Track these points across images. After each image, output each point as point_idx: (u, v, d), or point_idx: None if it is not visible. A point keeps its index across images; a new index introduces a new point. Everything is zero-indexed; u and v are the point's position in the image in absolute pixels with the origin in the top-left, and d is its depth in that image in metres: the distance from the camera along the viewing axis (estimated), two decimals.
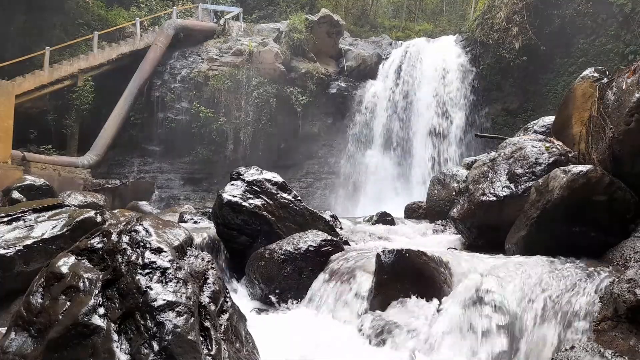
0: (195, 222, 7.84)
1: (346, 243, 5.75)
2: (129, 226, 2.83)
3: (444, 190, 8.01)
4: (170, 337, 2.22)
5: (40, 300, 2.44)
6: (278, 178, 5.73)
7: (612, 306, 2.62)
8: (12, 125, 13.32)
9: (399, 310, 3.55)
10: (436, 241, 6.53)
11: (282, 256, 4.49)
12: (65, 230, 4.03)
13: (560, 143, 5.41)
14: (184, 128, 18.11)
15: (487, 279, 3.40)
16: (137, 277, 2.46)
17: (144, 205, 11.68)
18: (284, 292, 4.41)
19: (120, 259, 2.57)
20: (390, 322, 3.42)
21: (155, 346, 2.20)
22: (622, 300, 2.53)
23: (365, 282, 3.93)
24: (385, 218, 8.69)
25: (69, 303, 2.37)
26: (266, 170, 5.81)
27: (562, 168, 4.23)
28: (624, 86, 4.26)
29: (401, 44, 20.25)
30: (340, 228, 6.36)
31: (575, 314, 2.83)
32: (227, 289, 3.16)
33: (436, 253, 3.94)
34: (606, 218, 4.00)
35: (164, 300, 2.36)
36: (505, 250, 4.73)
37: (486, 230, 5.24)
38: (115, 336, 2.25)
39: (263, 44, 18.46)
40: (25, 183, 9.90)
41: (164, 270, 2.54)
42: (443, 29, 23.67)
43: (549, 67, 15.29)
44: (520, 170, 5.17)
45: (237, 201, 5.25)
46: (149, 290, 2.40)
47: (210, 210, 7.12)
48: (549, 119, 6.78)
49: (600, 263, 3.73)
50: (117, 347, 2.21)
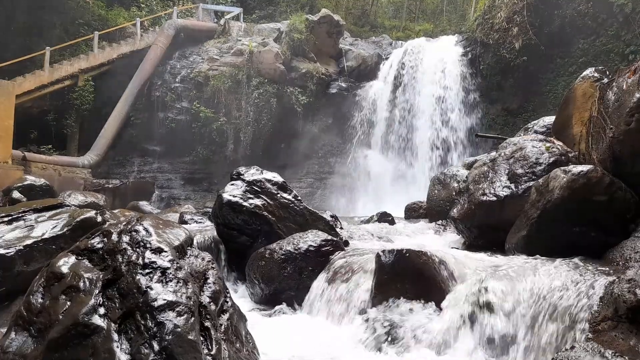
0: (196, 222, 7.85)
1: (346, 243, 5.75)
2: (129, 226, 2.83)
3: (444, 190, 8.01)
4: (170, 337, 2.22)
5: (40, 300, 2.44)
6: (278, 178, 5.73)
7: (612, 306, 2.62)
8: (13, 125, 13.31)
9: (399, 310, 3.54)
10: (436, 241, 6.53)
11: (283, 256, 4.49)
12: (65, 230, 4.03)
13: (561, 143, 5.41)
14: (185, 128, 18.10)
15: (488, 279, 3.40)
16: (138, 277, 2.46)
17: (144, 205, 11.68)
18: (284, 292, 4.41)
19: (120, 259, 2.57)
20: (390, 323, 3.42)
21: (156, 346, 2.20)
22: (623, 300, 2.53)
23: (365, 282, 3.94)
24: (385, 218, 8.70)
25: (69, 303, 2.37)
26: (266, 170, 5.81)
27: (563, 168, 4.24)
28: (624, 86, 4.26)
29: (401, 44, 20.24)
30: (341, 228, 6.36)
31: (575, 314, 2.83)
32: (228, 288, 3.16)
33: (436, 253, 3.94)
34: (606, 218, 4.00)
35: (164, 300, 2.36)
36: (505, 250, 4.74)
37: (486, 230, 5.25)
38: (115, 336, 2.25)
39: (263, 44, 18.46)
40: (25, 183, 9.91)
41: (164, 270, 2.54)
42: (443, 29, 23.66)
43: (549, 67, 15.28)
44: (520, 170, 5.17)
45: (238, 201, 5.25)
46: (149, 290, 2.40)
47: (210, 210, 7.13)
48: (549, 119, 6.79)
49: (601, 263, 3.73)
50: (118, 347, 2.21)
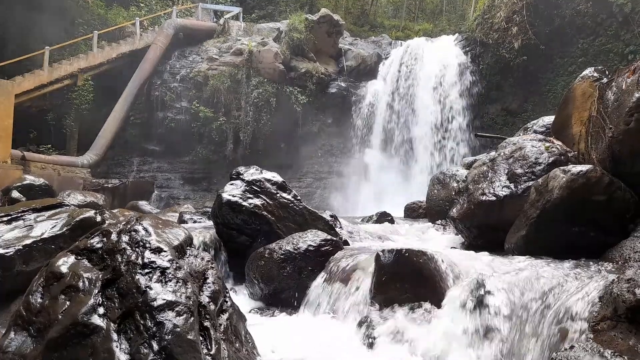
0: (195, 222, 7.84)
1: (346, 243, 5.75)
2: (129, 226, 2.83)
3: (443, 190, 8.01)
4: (169, 337, 2.22)
5: (39, 300, 2.44)
6: (278, 178, 5.73)
7: (612, 306, 2.62)
8: (12, 124, 13.31)
9: (398, 310, 3.55)
10: (436, 241, 6.54)
11: (282, 256, 4.49)
12: (64, 229, 4.02)
13: (560, 143, 5.41)
14: (184, 128, 18.09)
15: (487, 278, 3.40)
16: (137, 277, 2.46)
17: (144, 204, 11.66)
18: (284, 292, 4.41)
19: (119, 259, 2.57)
20: (390, 323, 3.42)
21: (155, 346, 2.20)
22: (622, 300, 2.53)
23: (364, 282, 3.94)
24: (385, 218, 8.71)
25: (68, 303, 2.37)
26: (266, 170, 5.81)
27: (562, 168, 4.24)
28: (624, 86, 4.26)
29: (401, 43, 20.25)
30: (340, 228, 6.36)
31: (574, 314, 2.83)
32: (227, 288, 3.16)
33: (436, 253, 3.94)
34: (605, 218, 4.00)
35: (164, 299, 2.36)
36: (505, 250, 4.74)
37: (486, 230, 5.25)
38: (114, 336, 2.25)
39: (263, 44, 18.45)
40: (24, 182, 9.88)
41: (163, 270, 2.54)
42: (443, 29, 23.68)
43: (548, 67, 15.28)
44: (520, 170, 5.17)
45: (237, 201, 5.25)
46: (148, 290, 2.40)
47: (209, 210, 7.12)
48: (549, 119, 6.79)
49: (600, 263, 3.73)
50: (117, 347, 2.21)
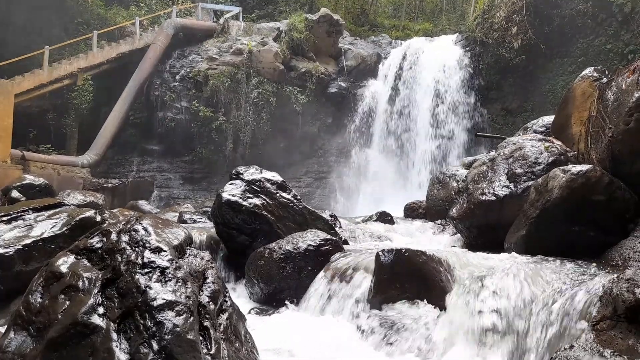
0: (195, 222, 7.84)
1: (346, 242, 5.75)
2: (129, 225, 2.82)
3: (443, 190, 8.01)
4: (169, 337, 2.22)
5: (39, 300, 2.44)
6: (277, 177, 5.73)
7: (611, 305, 2.62)
8: (12, 124, 13.31)
9: (398, 309, 3.55)
10: (436, 240, 6.54)
11: (282, 256, 4.49)
12: (64, 229, 4.02)
13: (560, 143, 5.41)
14: (184, 127, 18.08)
15: (487, 278, 3.40)
16: (137, 277, 2.45)
17: (144, 204, 11.65)
18: (284, 292, 4.41)
19: (119, 259, 2.57)
20: (390, 322, 3.42)
21: (155, 345, 2.20)
22: (621, 299, 2.53)
23: (364, 282, 3.94)
24: (384, 217, 8.70)
25: (68, 302, 2.37)
26: (266, 170, 5.81)
27: (562, 168, 4.24)
28: (624, 86, 4.26)
29: (401, 43, 20.23)
30: (340, 227, 6.36)
31: (574, 314, 2.83)
32: (227, 288, 3.15)
33: (436, 252, 3.94)
34: (605, 217, 4.00)
35: (164, 299, 2.36)
36: (504, 250, 4.74)
37: (485, 229, 5.25)
38: (114, 335, 2.25)
39: (262, 43, 18.44)
40: (24, 182, 9.89)
41: (163, 270, 2.53)
42: (443, 29, 23.65)
43: (548, 67, 15.27)
44: (519, 170, 5.17)
45: (237, 200, 5.25)
46: (148, 289, 2.39)
47: (209, 209, 7.12)
48: (549, 119, 6.79)
49: (600, 262, 3.73)
50: (117, 347, 2.21)
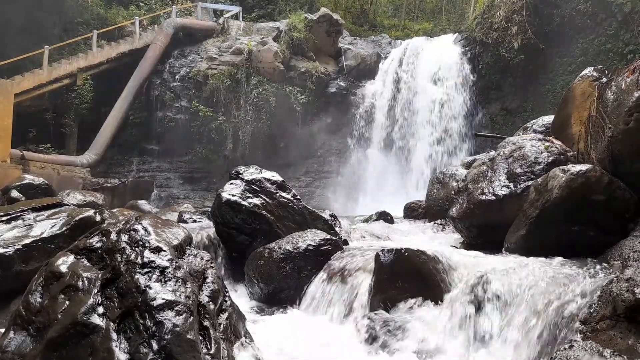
0: (195, 221, 7.83)
1: (345, 242, 5.75)
2: (128, 225, 2.82)
3: (443, 190, 8.01)
4: (169, 336, 2.22)
5: (39, 300, 2.44)
6: (277, 177, 5.73)
7: (611, 305, 2.62)
8: (11, 124, 13.30)
9: (398, 309, 3.55)
10: (435, 240, 6.54)
11: (282, 255, 4.49)
12: (64, 229, 4.02)
13: (560, 142, 5.41)
14: (183, 127, 18.07)
15: (487, 278, 3.40)
16: (136, 276, 2.45)
17: (143, 204, 11.65)
18: (283, 292, 4.41)
19: (119, 258, 2.57)
20: (390, 322, 3.42)
21: (155, 345, 2.20)
22: (621, 299, 2.53)
23: (364, 282, 3.94)
24: (384, 217, 8.70)
25: (68, 302, 2.37)
26: (265, 170, 5.81)
27: (561, 167, 4.24)
28: (623, 85, 4.26)
29: (400, 43, 20.23)
30: (340, 227, 6.35)
31: (574, 313, 2.84)
32: (226, 288, 3.16)
33: (435, 252, 3.94)
34: (605, 217, 4.00)
35: (163, 299, 2.36)
36: (504, 250, 4.74)
37: (485, 229, 5.25)
38: (114, 335, 2.25)
39: (262, 43, 18.44)
40: (24, 182, 9.89)
41: (163, 270, 2.54)
42: (442, 28, 23.66)
43: (548, 67, 15.27)
44: (519, 170, 5.17)
45: (237, 200, 5.25)
46: (148, 289, 2.39)
47: (209, 209, 7.12)
48: (548, 119, 6.79)
49: (599, 262, 3.73)
50: (116, 346, 2.21)
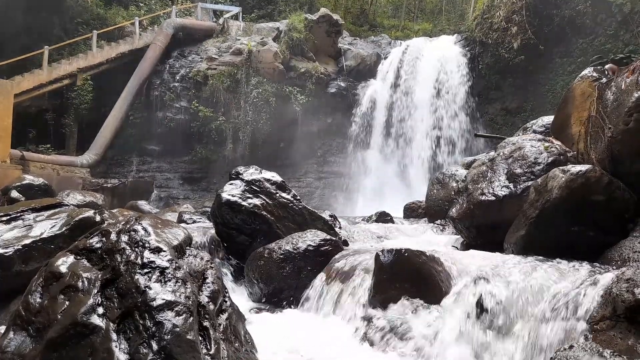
0: (194, 222, 7.84)
1: (345, 243, 5.75)
2: (128, 226, 2.82)
3: (443, 190, 8.02)
4: (169, 337, 2.22)
5: (39, 300, 2.44)
6: (277, 177, 5.73)
7: (611, 306, 2.62)
8: (11, 124, 13.30)
9: (398, 310, 3.55)
10: (435, 241, 6.53)
11: (281, 256, 4.49)
12: (64, 229, 4.02)
13: (559, 143, 5.41)
14: (183, 127, 18.07)
15: (486, 278, 3.40)
16: (136, 277, 2.45)
17: (143, 204, 11.66)
18: (283, 292, 4.41)
19: (119, 259, 2.57)
20: (390, 322, 3.42)
21: (154, 346, 2.19)
22: (621, 299, 2.53)
23: (364, 282, 3.94)
24: (384, 217, 8.71)
25: (67, 302, 2.37)
26: (265, 170, 5.81)
27: (561, 168, 4.24)
28: (623, 86, 4.26)
29: (400, 43, 20.24)
30: (340, 227, 6.36)
31: (574, 314, 2.84)
32: (226, 288, 3.15)
33: (435, 253, 3.94)
34: (605, 218, 4.00)
35: (163, 299, 2.36)
36: (504, 250, 4.74)
37: (485, 229, 5.25)
38: (114, 336, 2.24)
39: (262, 43, 18.44)
40: (24, 182, 9.89)
41: (163, 270, 2.53)
42: (442, 29, 23.66)
43: (548, 67, 15.28)
44: (519, 170, 5.17)
45: (236, 201, 5.25)
46: (147, 289, 2.39)
47: (209, 209, 7.12)
48: (548, 119, 6.79)
49: (599, 262, 3.73)
50: (116, 347, 2.21)
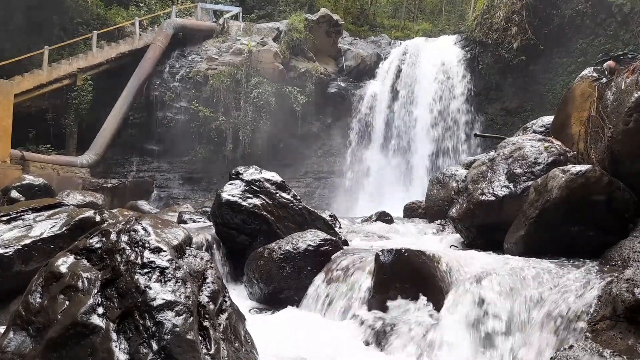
0: (194, 222, 7.85)
1: (345, 242, 5.75)
2: (128, 226, 2.82)
3: (443, 190, 8.02)
4: (169, 337, 2.22)
5: (39, 300, 2.44)
6: (277, 177, 5.73)
7: (611, 306, 2.62)
8: (11, 124, 13.30)
9: (398, 310, 3.55)
10: (435, 241, 6.54)
11: (281, 256, 4.49)
12: (64, 229, 4.02)
13: (559, 143, 5.41)
14: (183, 127, 18.07)
15: (487, 279, 3.40)
16: (136, 277, 2.45)
17: (143, 204, 11.67)
18: (283, 292, 4.41)
19: (119, 259, 2.57)
20: (389, 322, 3.42)
21: (154, 345, 2.19)
22: (621, 299, 2.53)
23: (364, 282, 3.94)
24: (384, 217, 8.71)
25: (67, 302, 2.37)
26: (265, 170, 5.81)
27: (561, 168, 4.24)
28: (623, 86, 4.26)
29: (400, 43, 20.26)
30: (340, 227, 6.35)
31: (573, 314, 2.83)
32: (226, 288, 3.15)
33: (435, 253, 3.94)
34: (605, 217, 4.01)
35: (163, 299, 2.36)
36: (504, 250, 4.74)
37: (485, 229, 5.25)
38: (114, 336, 2.24)
39: (262, 44, 18.44)
40: (24, 182, 9.88)
41: (163, 270, 2.53)
42: (442, 29, 23.68)
43: (548, 67, 15.28)
44: (519, 170, 5.18)
45: (236, 201, 5.25)
46: (147, 289, 2.39)
47: (209, 209, 7.13)
48: (548, 119, 6.80)
49: (599, 262, 3.74)
50: (116, 347, 2.21)
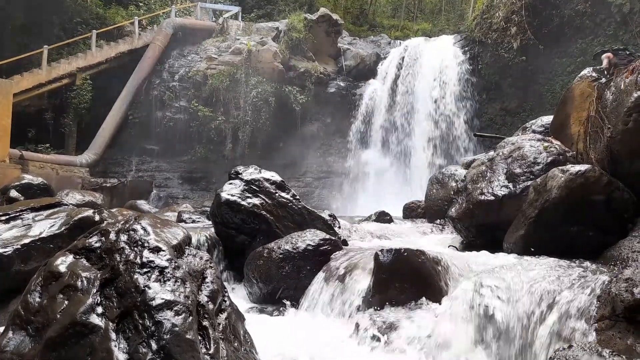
0: (194, 221, 7.84)
1: (345, 242, 5.75)
2: (127, 225, 2.82)
3: (442, 190, 8.02)
4: (168, 336, 2.22)
5: (38, 299, 2.43)
6: (277, 177, 5.73)
7: (610, 305, 2.62)
8: (10, 123, 13.29)
9: (397, 309, 3.55)
10: (435, 240, 6.54)
11: (281, 255, 4.49)
12: (63, 229, 4.02)
13: (559, 143, 5.42)
14: (183, 127, 18.07)
15: (486, 279, 3.40)
16: (135, 276, 2.45)
17: (142, 204, 11.66)
18: (283, 292, 4.41)
19: (118, 258, 2.57)
20: (389, 322, 3.42)
21: (154, 345, 2.19)
22: (620, 299, 2.54)
23: (363, 282, 3.94)
24: (383, 217, 8.71)
25: (67, 302, 2.37)
26: (265, 170, 5.81)
27: (560, 168, 4.24)
28: (622, 86, 4.27)
29: (400, 43, 20.27)
30: (339, 227, 6.35)
31: (573, 314, 2.84)
32: (226, 288, 3.15)
33: (435, 252, 3.95)
34: (604, 217, 4.01)
35: (162, 299, 2.36)
36: (503, 250, 4.74)
37: (484, 229, 5.26)
38: (113, 335, 2.24)
39: (262, 43, 18.44)
40: (23, 182, 9.88)
41: (162, 269, 2.53)
42: (442, 29, 23.71)
43: (547, 67, 15.29)
44: (518, 170, 5.18)
45: (236, 200, 5.25)
46: (147, 289, 2.39)
47: (208, 209, 7.12)
48: (547, 119, 6.80)
49: (598, 262, 3.74)
50: (115, 346, 2.21)
